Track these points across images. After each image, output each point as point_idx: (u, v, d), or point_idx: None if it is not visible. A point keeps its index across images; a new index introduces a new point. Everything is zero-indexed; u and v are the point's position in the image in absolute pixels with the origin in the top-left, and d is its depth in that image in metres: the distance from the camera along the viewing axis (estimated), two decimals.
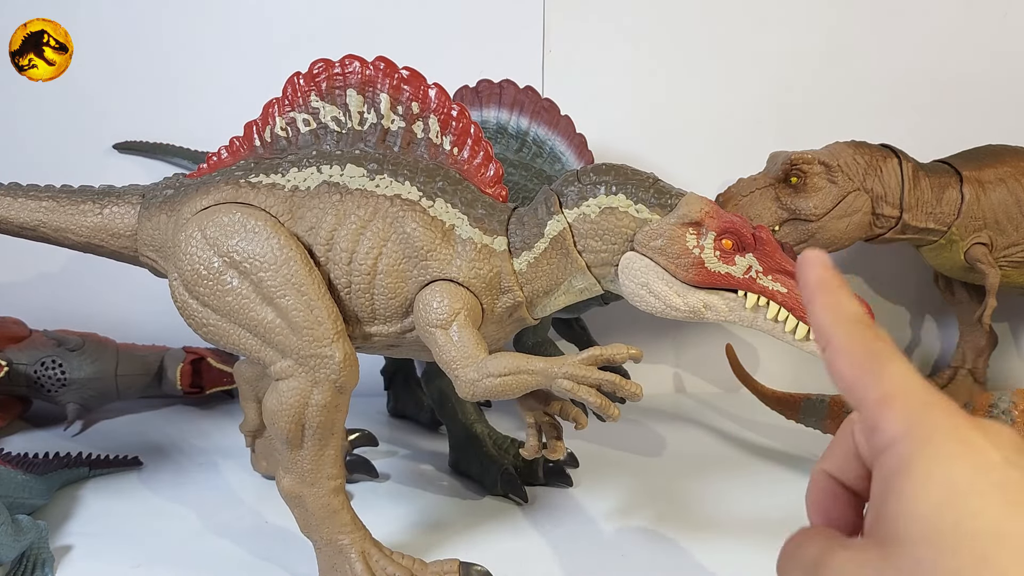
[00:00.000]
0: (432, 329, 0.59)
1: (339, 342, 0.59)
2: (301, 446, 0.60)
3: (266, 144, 0.65)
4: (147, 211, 0.66)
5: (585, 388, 0.55)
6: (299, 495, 0.61)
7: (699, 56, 1.11)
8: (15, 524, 0.63)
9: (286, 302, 0.59)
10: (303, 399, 0.59)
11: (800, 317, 0.56)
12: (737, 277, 0.57)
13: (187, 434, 0.96)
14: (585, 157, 0.83)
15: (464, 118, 0.62)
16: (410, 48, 1.06)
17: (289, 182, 0.63)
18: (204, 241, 0.60)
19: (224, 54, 1.06)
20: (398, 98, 0.62)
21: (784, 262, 0.57)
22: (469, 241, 0.61)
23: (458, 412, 0.84)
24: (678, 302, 0.58)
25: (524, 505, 0.77)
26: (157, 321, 1.10)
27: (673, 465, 0.88)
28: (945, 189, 0.95)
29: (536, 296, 0.63)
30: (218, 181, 0.64)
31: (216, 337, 0.61)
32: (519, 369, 0.56)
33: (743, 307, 0.57)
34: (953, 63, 1.13)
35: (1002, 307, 1.08)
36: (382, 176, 0.62)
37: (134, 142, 1.06)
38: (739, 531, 0.72)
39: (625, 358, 0.56)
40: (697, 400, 1.14)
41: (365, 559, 0.60)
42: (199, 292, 0.61)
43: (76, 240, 0.68)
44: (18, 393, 0.96)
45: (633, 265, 0.59)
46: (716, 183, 1.01)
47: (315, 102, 0.63)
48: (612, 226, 0.60)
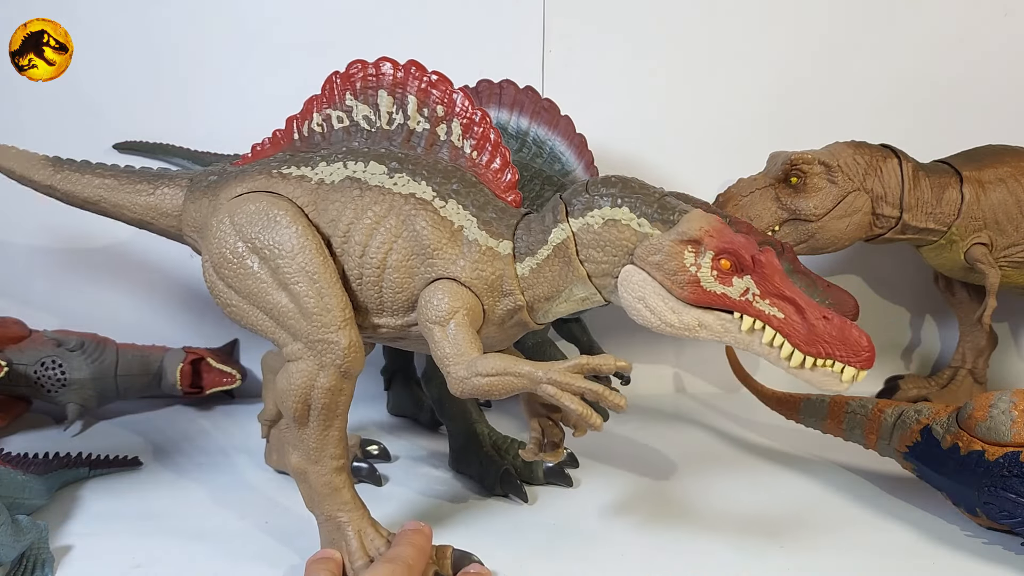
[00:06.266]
0: (431, 325, 0.61)
1: (346, 329, 0.62)
2: (307, 425, 0.63)
3: (303, 138, 0.68)
4: (192, 194, 0.71)
5: (568, 395, 0.56)
6: (304, 471, 0.64)
7: (699, 56, 1.11)
8: (15, 524, 0.63)
9: (299, 288, 0.62)
10: (310, 381, 0.62)
11: (796, 344, 0.55)
12: (733, 298, 0.57)
13: (187, 434, 0.96)
14: (585, 157, 0.83)
15: (486, 123, 0.64)
16: (410, 48, 1.04)
17: (317, 175, 0.66)
18: (232, 227, 0.64)
19: (224, 54, 1.06)
20: (425, 100, 0.65)
21: (784, 287, 0.56)
22: (475, 243, 0.62)
23: (458, 412, 0.84)
24: (673, 319, 0.58)
25: (524, 505, 0.77)
26: (157, 321, 1.10)
27: (673, 465, 0.88)
28: (945, 189, 0.95)
29: (537, 301, 0.64)
30: (255, 170, 0.68)
31: (238, 316, 0.65)
32: (506, 371, 0.57)
33: (738, 329, 0.57)
34: (953, 63, 1.13)
35: (1002, 307, 1.08)
36: (401, 175, 0.64)
37: (134, 142, 1.06)
38: (739, 531, 0.72)
39: (612, 370, 0.56)
40: (697, 400, 1.14)
41: (360, 537, 0.63)
42: (225, 274, 0.65)
43: (131, 216, 0.74)
44: (18, 393, 0.96)
45: (632, 278, 0.59)
46: (716, 183, 1.01)
47: (349, 100, 0.66)
48: (614, 238, 0.60)
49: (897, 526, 0.74)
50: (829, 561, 0.67)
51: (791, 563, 0.66)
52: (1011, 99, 1.14)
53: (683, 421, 1.04)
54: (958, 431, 0.71)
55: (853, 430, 0.81)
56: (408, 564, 0.59)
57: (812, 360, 0.55)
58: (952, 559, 0.68)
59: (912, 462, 0.75)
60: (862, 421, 0.80)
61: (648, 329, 0.60)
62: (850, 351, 0.54)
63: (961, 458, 0.70)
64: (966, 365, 1.09)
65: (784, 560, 0.67)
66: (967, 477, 0.69)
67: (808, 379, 0.56)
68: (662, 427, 1.01)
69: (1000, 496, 0.66)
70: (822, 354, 0.55)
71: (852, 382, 0.55)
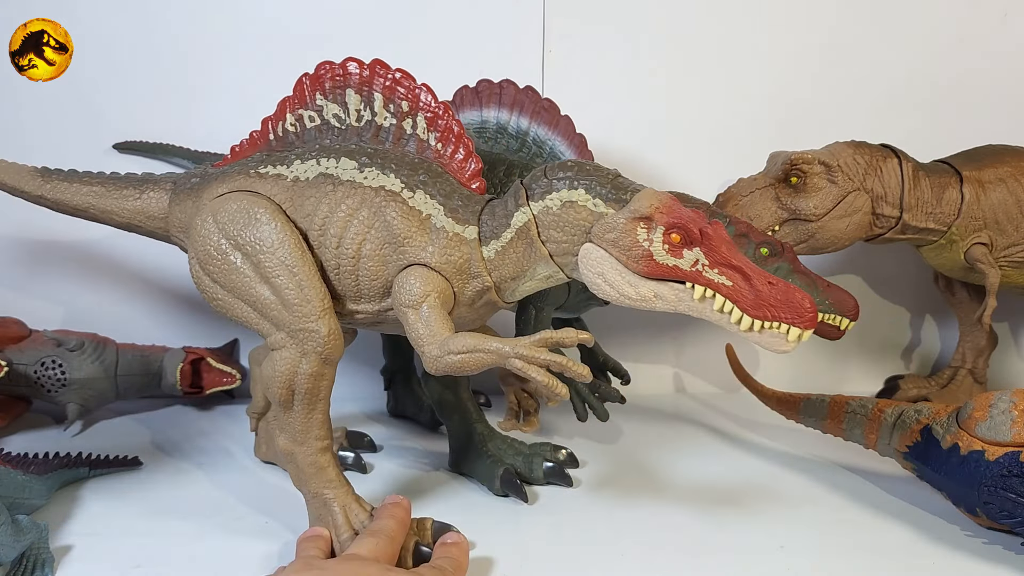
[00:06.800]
0: (405, 309, 0.65)
1: (325, 318, 0.66)
2: (292, 409, 0.67)
3: (278, 138, 0.72)
4: (177, 196, 0.75)
5: (534, 367, 0.60)
6: (291, 452, 0.68)
7: (699, 56, 1.11)
8: (15, 524, 0.63)
9: (280, 281, 0.66)
10: (293, 367, 0.66)
11: (744, 309, 0.58)
12: (684, 269, 0.60)
13: (187, 434, 0.96)
14: (585, 157, 0.82)
15: (448, 117, 0.68)
16: (410, 48, 1.06)
17: (292, 173, 0.70)
18: (215, 225, 0.68)
19: (225, 54, 1.06)
20: (391, 97, 0.68)
21: (731, 256, 0.59)
22: (443, 230, 0.66)
23: (458, 412, 0.84)
24: (630, 291, 0.62)
25: (524, 505, 0.77)
26: (157, 321, 1.10)
27: (673, 465, 0.88)
28: (945, 189, 0.95)
29: (504, 281, 0.67)
30: (235, 171, 0.72)
31: (224, 309, 0.69)
32: (476, 348, 0.61)
33: (691, 298, 0.60)
34: (953, 63, 1.13)
35: (1002, 307, 1.08)
36: (371, 168, 0.68)
37: (134, 142, 1.06)
38: (739, 531, 0.72)
39: (574, 341, 0.60)
40: (697, 400, 1.14)
41: (345, 512, 0.67)
42: (210, 270, 0.68)
43: (119, 221, 0.78)
44: (18, 393, 0.96)
45: (590, 255, 0.62)
46: (716, 183, 1.01)
47: (319, 100, 0.70)
48: (572, 218, 0.63)
49: (897, 526, 0.74)
50: (829, 561, 0.67)
51: (791, 563, 0.66)
52: (1011, 99, 1.14)
53: (683, 421, 1.04)
54: (958, 431, 0.71)
55: (853, 430, 0.81)
56: (390, 536, 0.63)
57: (760, 323, 0.58)
58: (952, 559, 0.68)
59: (912, 462, 0.75)
60: (862, 421, 0.80)
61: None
62: (794, 313, 0.57)
63: (961, 458, 0.70)
64: (966, 365, 1.09)
65: (784, 560, 0.67)
66: (967, 477, 0.69)
67: (757, 341, 0.59)
68: (662, 427, 1.01)
69: (1000, 496, 0.67)
70: (768, 317, 0.58)
71: (798, 342, 0.58)
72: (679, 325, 1.16)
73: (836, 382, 1.18)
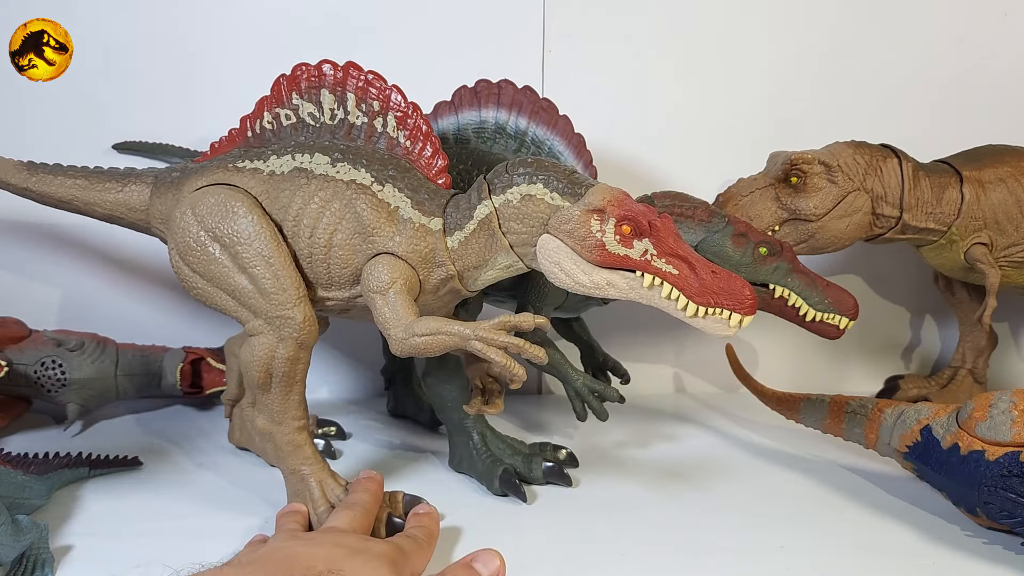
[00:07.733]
0: (373, 295, 0.68)
1: (300, 305, 0.70)
2: (269, 391, 0.71)
3: (256, 135, 0.76)
4: (158, 189, 0.78)
5: (493, 350, 0.63)
6: (270, 432, 0.73)
7: (699, 56, 1.11)
8: (15, 524, 0.63)
9: (257, 271, 0.69)
10: (270, 352, 0.70)
11: (689, 296, 0.61)
12: (634, 259, 0.63)
13: (187, 434, 0.96)
14: (584, 157, 0.82)
15: (417, 116, 0.72)
16: (409, 48, 1.06)
17: (268, 167, 0.73)
18: (194, 217, 0.72)
19: (225, 55, 1.06)
20: (363, 97, 0.72)
21: (677, 247, 0.63)
22: (409, 221, 0.70)
23: (458, 412, 0.84)
24: (584, 279, 0.65)
25: (524, 505, 0.77)
26: (157, 321, 1.10)
27: (673, 465, 0.88)
28: (945, 189, 0.95)
29: (467, 270, 0.71)
30: (214, 166, 0.75)
31: (203, 298, 0.73)
32: (439, 331, 0.64)
33: (641, 286, 0.63)
34: (953, 63, 1.13)
35: (1002, 307, 1.08)
36: (343, 163, 0.71)
37: (134, 142, 1.06)
38: (739, 531, 0.72)
39: (531, 325, 0.64)
40: (697, 400, 1.14)
41: (322, 487, 0.71)
42: (190, 260, 0.72)
43: (102, 212, 0.81)
44: (18, 393, 0.96)
45: (547, 246, 0.65)
46: (716, 183, 1.01)
47: (295, 99, 0.74)
48: (531, 211, 0.67)
49: (897, 526, 0.74)
50: (829, 561, 0.67)
51: (791, 563, 0.66)
52: (1011, 99, 1.14)
53: (683, 421, 1.04)
54: (958, 431, 0.71)
55: (853, 430, 0.81)
56: (365, 508, 0.67)
57: (704, 309, 0.61)
58: (952, 559, 0.68)
59: (912, 462, 0.75)
60: (862, 421, 0.80)
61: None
62: (735, 300, 0.61)
63: (961, 458, 0.70)
64: (966, 365, 1.09)
65: (784, 560, 0.67)
66: (967, 477, 0.69)
67: (701, 326, 0.62)
68: (662, 427, 1.01)
69: (1000, 496, 0.67)
70: (711, 303, 0.61)
71: (739, 327, 0.61)
72: (679, 325, 1.15)
73: (836, 382, 1.18)
